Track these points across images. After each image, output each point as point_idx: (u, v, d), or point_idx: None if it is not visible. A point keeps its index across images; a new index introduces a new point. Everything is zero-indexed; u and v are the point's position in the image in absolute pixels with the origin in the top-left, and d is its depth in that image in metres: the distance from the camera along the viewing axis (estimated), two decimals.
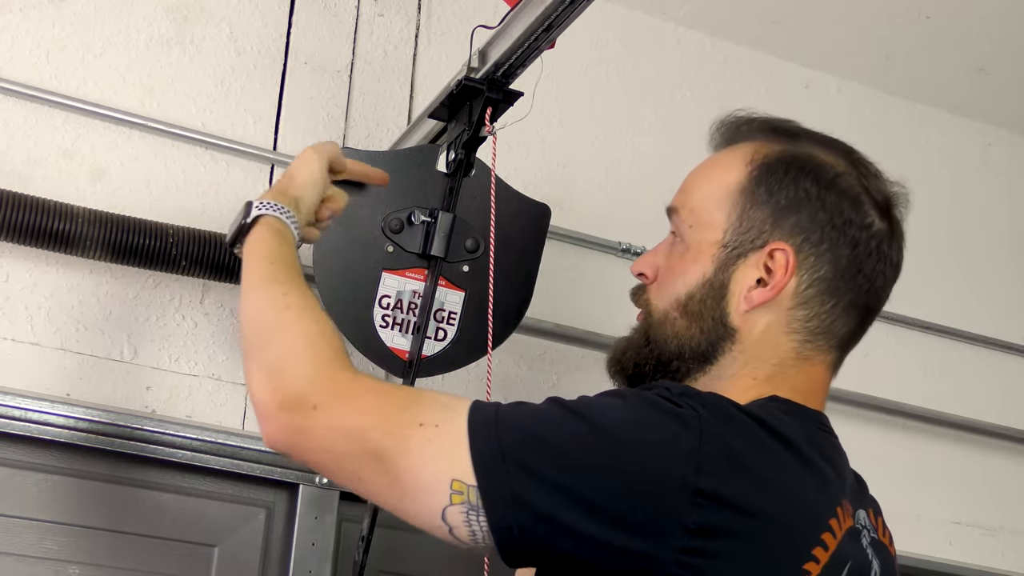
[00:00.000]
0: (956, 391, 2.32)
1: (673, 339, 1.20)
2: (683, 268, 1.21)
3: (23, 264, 1.66)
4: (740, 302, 1.18)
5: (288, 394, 1.07)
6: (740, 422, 1.06)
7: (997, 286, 2.44)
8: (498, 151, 1.42)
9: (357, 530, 1.60)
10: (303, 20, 1.92)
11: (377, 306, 1.50)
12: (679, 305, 1.20)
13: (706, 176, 1.25)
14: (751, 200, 1.20)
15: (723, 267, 1.19)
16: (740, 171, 1.21)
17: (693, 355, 1.19)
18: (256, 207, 1.25)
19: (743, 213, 1.19)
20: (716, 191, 1.22)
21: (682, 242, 1.23)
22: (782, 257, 1.17)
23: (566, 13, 1.30)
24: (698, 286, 1.19)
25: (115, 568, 1.62)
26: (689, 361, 1.19)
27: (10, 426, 1.57)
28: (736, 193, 1.20)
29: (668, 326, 1.20)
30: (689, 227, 1.22)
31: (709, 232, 1.20)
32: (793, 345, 1.19)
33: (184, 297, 1.74)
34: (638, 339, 1.23)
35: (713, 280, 1.19)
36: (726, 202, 1.21)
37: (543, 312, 1.88)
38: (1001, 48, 2.26)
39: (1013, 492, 2.34)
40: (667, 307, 1.21)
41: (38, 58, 1.74)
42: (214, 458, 1.66)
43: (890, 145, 2.40)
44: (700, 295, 1.19)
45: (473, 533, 1.00)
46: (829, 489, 1.11)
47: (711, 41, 2.27)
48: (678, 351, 1.19)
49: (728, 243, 1.19)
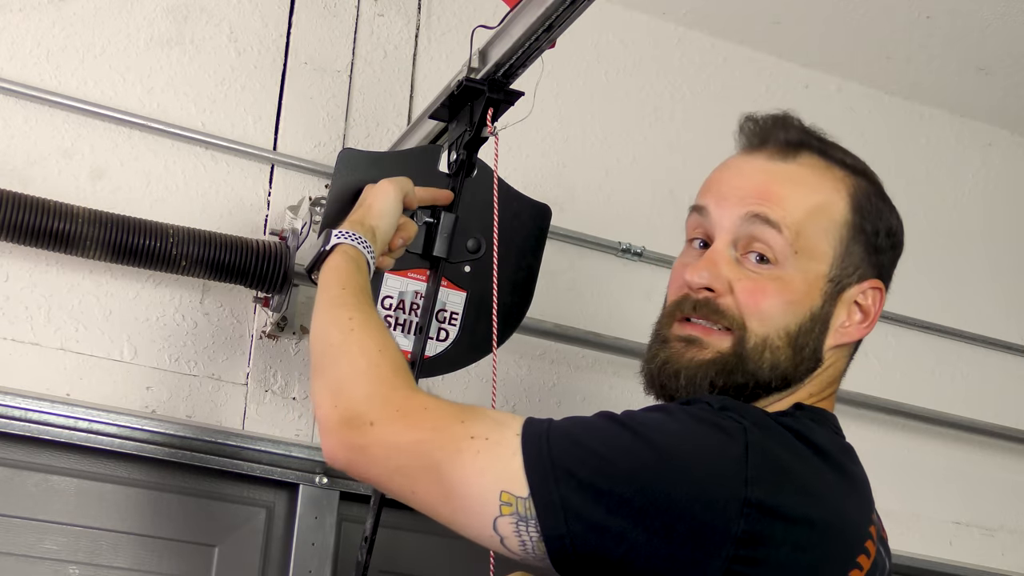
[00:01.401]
0: (956, 391, 2.32)
1: (772, 368, 1.17)
2: (791, 298, 1.17)
3: (23, 264, 1.66)
4: (834, 337, 1.19)
5: (347, 412, 1.10)
6: (780, 433, 1.07)
7: (997, 286, 2.44)
8: (498, 151, 1.42)
9: (357, 530, 1.60)
10: (303, 20, 1.92)
11: (380, 307, 1.49)
12: (787, 335, 1.17)
13: (809, 199, 1.19)
14: (853, 236, 1.20)
15: (828, 301, 1.19)
16: (842, 203, 1.20)
17: (780, 383, 1.18)
18: (335, 236, 1.29)
19: (847, 248, 1.19)
20: (822, 221, 1.19)
21: (780, 266, 1.17)
22: (877, 296, 1.20)
23: (566, 13, 1.30)
24: (808, 319, 1.18)
25: (115, 568, 1.62)
26: (771, 389, 1.18)
27: (10, 426, 1.57)
28: (842, 227, 1.19)
29: (768, 353, 1.17)
30: (795, 252, 1.17)
31: (817, 263, 1.18)
32: (844, 367, 1.23)
33: (184, 297, 1.74)
34: (727, 362, 1.17)
35: (819, 314, 1.18)
36: (832, 234, 1.19)
37: (543, 312, 1.88)
38: (1001, 48, 2.26)
39: (1013, 492, 2.34)
40: (770, 333, 1.17)
41: (38, 58, 1.74)
42: (214, 458, 1.66)
43: (890, 145, 2.40)
44: (807, 328, 1.18)
45: (523, 543, 1.01)
46: (864, 495, 1.13)
47: (711, 41, 2.27)
48: (770, 379, 1.17)
49: (834, 277, 1.19)
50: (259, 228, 1.80)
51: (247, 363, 1.76)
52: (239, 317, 1.77)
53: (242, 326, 1.77)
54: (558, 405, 1.97)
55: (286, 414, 1.76)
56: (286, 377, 1.78)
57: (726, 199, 1.20)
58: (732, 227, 1.18)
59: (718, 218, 1.20)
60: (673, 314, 1.22)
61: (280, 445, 1.70)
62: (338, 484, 1.72)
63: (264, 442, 1.69)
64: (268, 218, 1.81)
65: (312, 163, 1.85)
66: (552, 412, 1.96)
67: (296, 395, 1.78)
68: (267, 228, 1.80)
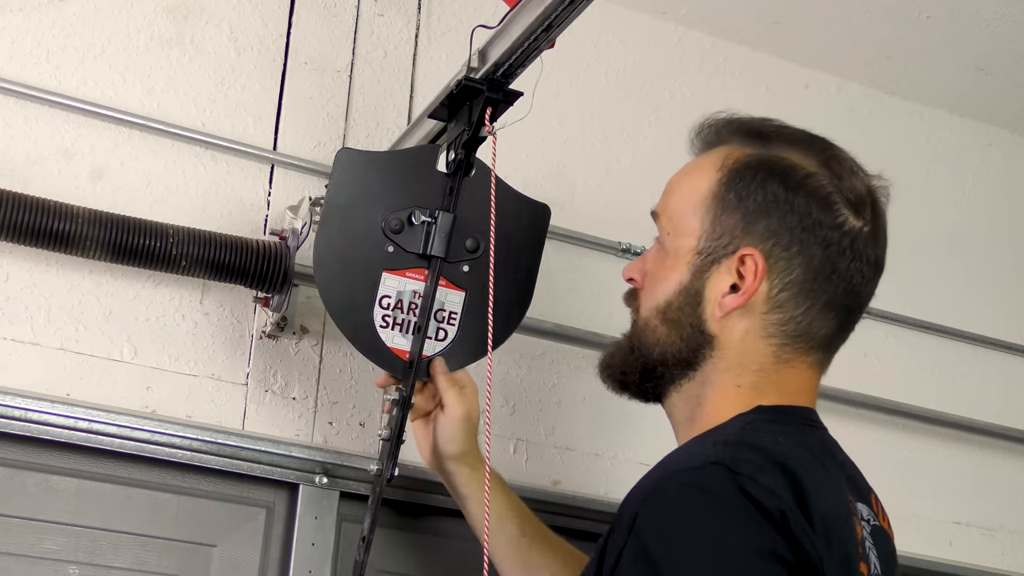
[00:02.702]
0: (956, 391, 2.32)
1: (655, 346, 1.23)
2: (663, 275, 1.23)
3: (23, 264, 1.66)
4: (715, 309, 1.20)
5: None
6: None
7: (997, 286, 2.44)
8: (498, 151, 1.42)
9: (357, 530, 1.60)
10: (303, 20, 1.92)
11: (377, 306, 1.50)
12: (659, 312, 1.22)
13: (683, 182, 1.28)
14: (722, 206, 1.21)
15: (698, 274, 1.21)
16: (712, 177, 1.23)
17: (676, 362, 1.22)
18: None
19: (716, 219, 1.21)
20: (691, 197, 1.24)
21: (662, 248, 1.25)
22: (751, 262, 1.19)
23: (566, 13, 1.30)
24: (675, 293, 1.21)
25: (115, 568, 1.62)
26: (673, 368, 1.22)
27: (10, 426, 1.57)
28: (709, 199, 1.22)
29: (650, 333, 1.23)
30: (668, 234, 1.25)
31: (685, 239, 1.23)
32: (772, 349, 1.20)
33: (184, 297, 1.74)
34: (625, 345, 1.27)
35: (689, 287, 1.21)
36: (700, 208, 1.23)
37: (543, 312, 1.88)
38: (1001, 48, 2.26)
39: (1013, 492, 2.34)
40: (649, 314, 1.24)
41: (38, 58, 1.74)
42: (214, 458, 1.66)
43: (890, 145, 2.40)
44: (678, 302, 1.21)
45: None
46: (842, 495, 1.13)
47: (711, 41, 2.27)
48: (661, 358, 1.22)
49: (703, 250, 1.21)
50: (259, 228, 1.80)
51: (247, 363, 1.76)
52: (239, 317, 1.77)
53: (242, 326, 1.77)
54: (558, 405, 1.97)
55: (286, 414, 1.76)
56: (286, 377, 1.78)
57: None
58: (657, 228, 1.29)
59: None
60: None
61: (280, 445, 1.70)
62: (338, 484, 1.72)
63: (264, 442, 1.69)
64: (268, 218, 1.81)
65: (312, 163, 1.85)
66: (552, 412, 1.96)
67: (296, 395, 1.78)
68: (267, 228, 1.80)
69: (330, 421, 1.79)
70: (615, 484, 1.97)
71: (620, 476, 1.98)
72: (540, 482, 1.91)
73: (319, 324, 1.81)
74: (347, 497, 1.73)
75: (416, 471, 1.75)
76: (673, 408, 1.26)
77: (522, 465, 1.91)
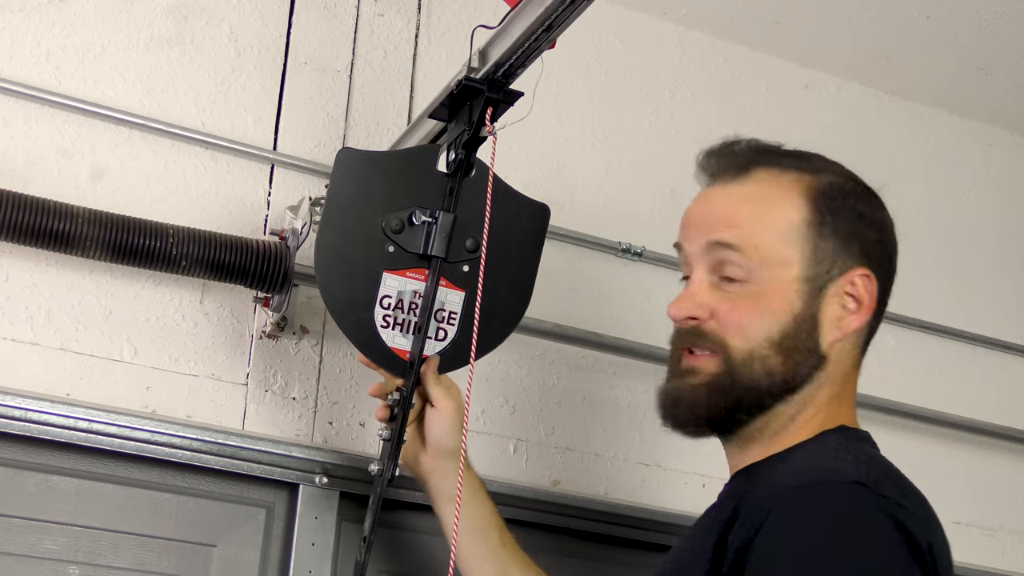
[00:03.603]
0: (956, 391, 2.32)
1: (766, 377, 1.23)
2: (766, 307, 1.23)
3: (23, 264, 1.66)
4: (831, 331, 1.23)
5: None
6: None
7: (997, 286, 2.44)
8: (498, 151, 1.42)
9: (357, 530, 1.60)
10: (303, 20, 1.92)
11: (378, 306, 1.50)
12: (772, 343, 1.22)
13: (761, 212, 1.26)
14: (820, 232, 1.24)
15: (810, 301, 1.23)
16: (800, 205, 1.25)
17: (782, 389, 1.23)
18: None
19: (815, 247, 1.24)
20: (780, 228, 1.24)
21: (749, 282, 1.24)
22: (866, 282, 1.24)
23: (566, 13, 1.30)
24: (790, 323, 1.23)
25: (115, 568, 1.62)
26: (778, 393, 1.24)
27: (10, 426, 1.57)
28: (804, 228, 1.24)
29: (758, 364, 1.22)
30: (759, 265, 1.23)
31: (783, 270, 1.23)
32: (854, 359, 1.27)
33: (184, 297, 1.74)
34: (721, 382, 1.24)
35: (803, 315, 1.23)
36: (795, 238, 1.24)
37: (543, 312, 1.88)
38: (1001, 48, 2.26)
39: (1013, 492, 2.34)
40: (754, 346, 1.23)
41: (38, 58, 1.74)
42: (214, 458, 1.66)
43: (890, 145, 2.40)
44: (793, 331, 1.23)
45: None
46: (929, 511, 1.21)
47: (711, 41, 2.27)
48: (769, 388, 1.23)
49: (808, 277, 1.23)
50: (259, 228, 1.80)
51: (247, 363, 1.76)
52: (239, 317, 1.77)
53: (242, 326, 1.77)
54: (558, 405, 1.97)
55: (286, 414, 1.76)
56: (286, 377, 1.78)
57: (693, 232, 1.29)
58: (702, 256, 1.27)
59: (690, 251, 1.28)
60: (677, 348, 1.30)
61: (280, 445, 1.70)
62: (338, 484, 1.72)
63: (264, 442, 1.69)
64: (268, 218, 1.81)
65: (312, 163, 1.85)
66: (552, 412, 1.96)
67: (296, 395, 1.78)
68: (267, 228, 1.80)
69: (330, 421, 1.79)
70: (615, 484, 1.97)
71: (620, 476, 1.98)
72: (540, 482, 1.91)
73: (319, 324, 1.81)
74: (347, 497, 1.73)
75: None
76: (753, 431, 1.26)
77: (522, 465, 1.91)
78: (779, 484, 1.13)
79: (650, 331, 2.02)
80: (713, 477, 2.00)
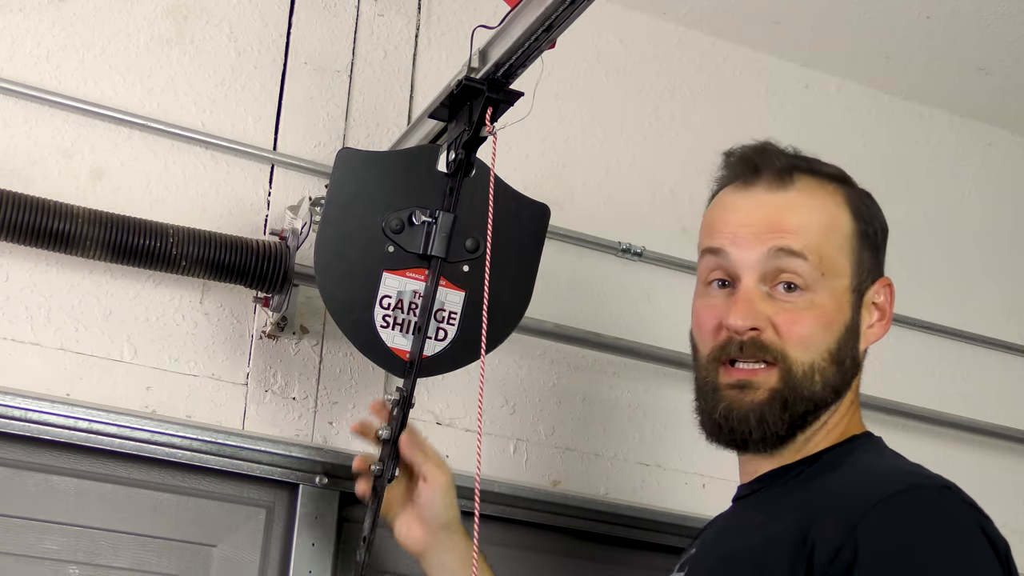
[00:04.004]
0: (956, 391, 2.32)
1: (824, 389, 1.23)
2: (828, 318, 1.22)
3: (23, 264, 1.66)
4: (863, 340, 1.26)
5: None
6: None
7: (997, 286, 2.44)
8: (498, 151, 1.42)
9: (357, 530, 1.60)
10: (303, 20, 1.92)
11: (378, 306, 1.49)
12: (830, 355, 1.22)
13: (820, 221, 1.25)
14: (862, 243, 1.26)
15: (855, 311, 1.25)
16: (846, 215, 1.26)
17: (833, 399, 1.24)
18: None
19: (859, 257, 1.25)
20: (836, 237, 1.25)
21: (809, 291, 1.22)
22: (888, 292, 1.28)
23: (566, 13, 1.30)
24: (844, 333, 1.24)
25: (115, 568, 1.62)
26: (828, 406, 1.24)
27: (10, 426, 1.57)
28: (853, 239, 1.25)
29: (818, 376, 1.22)
30: (821, 275, 1.23)
31: (840, 279, 1.24)
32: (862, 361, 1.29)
33: (184, 297, 1.74)
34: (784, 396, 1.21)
35: (851, 325, 1.25)
36: (846, 247, 1.25)
37: (543, 312, 1.88)
38: (1001, 48, 2.26)
39: (1013, 492, 2.34)
40: (815, 358, 1.22)
41: (38, 58, 1.74)
42: (214, 458, 1.66)
43: (890, 145, 2.40)
44: (845, 342, 1.24)
45: None
46: None
47: (711, 41, 2.27)
48: (823, 399, 1.23)
49: (855, 287, 1.25)
50: (259, 228, 1.80)
51: (247, 363, 1.76)
52: (239, 317, 1.77)
53: (242, 326, 1.77)
54: (558, 405, 1.97)
55: (286, 414, 1.76)
56: (286, 377, 1.78)
57: (743, 238, 1.24)
58: (757, 264, 1.22)
59: (739, 258, 1.23)
60: (719, 359, 1.24)
61: (280, 445, 1.70)
62: (338, 484, 1.71)
63: (264, 442, 1.69)
64: (268, 218, 1.81)
65: (312, 163, 1.85)
66: (552, 412, 1.96)
67: (296, 395, 1.78)
68: (267, 228, 1.80)
69: (330, 421, 1.79)
70: (615, 484, 1.97)
71: (620, 476, 1.98)
72: (540, 482, 1.91)
73: (319, 324, 1.81)
74: (347, 497, 1.73)
75: None
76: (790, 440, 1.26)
77: (522, 465, 1.91)
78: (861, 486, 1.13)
79: (650, 331, 2.02)
80: (713, 477, 2.00)
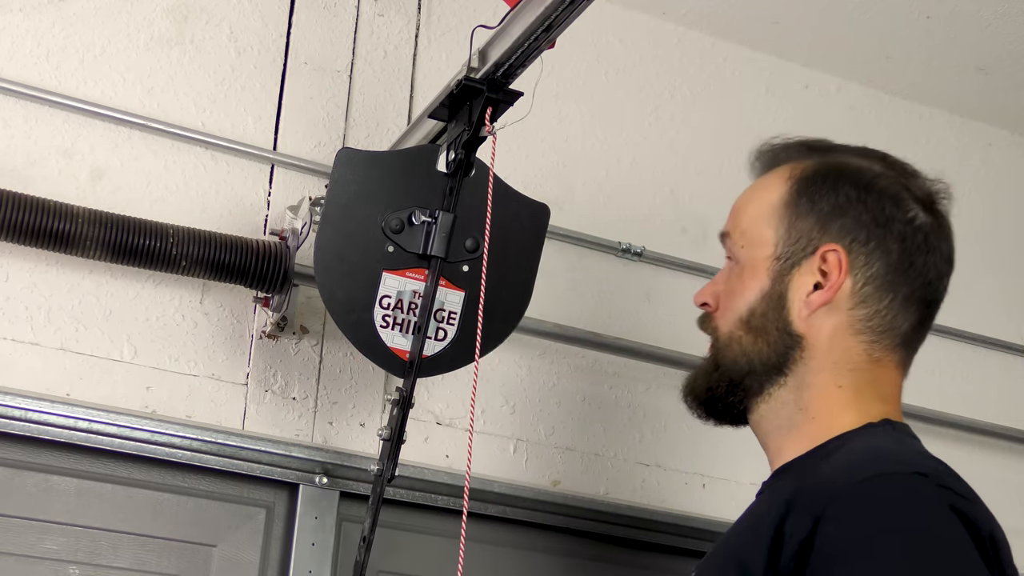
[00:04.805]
0: (956, 391, 2.32)
1: (742, 357, 1.24)
2: (741, 287, 1.25)
3: (23, 264, 1.66)
4: (801, 308, 1.22)
5: None
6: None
7: (997, 286, 2.44)
8: (498, 151, 1.42)
9: (357, 530, 1.60)
10: (303, 20, 1.92)
11: (378, 306, 1.50)
12: (742, 323, 1.24)
13: (752, 199, 1.29)
14: (795, 212, 1.24)
15: (779, 278, 1.23)
16: (781, 188, 1.26)
17: (765, 368, 1.23)
18: None
19: (790, 225, 1.24)
20: (762, 210, 1.26)
21: (737, 264, 1.27)
22: (835, 257, 1.22)
23: (566, 13, 1.30)
24: (757, 301, 1.23)
25: (115, 568, 1.62)
26: (762, 376, 1.23)
27: (10, 426, 1.57)
28: (781, 208, 1.25)
29: (735, 345, 1.24)
30: (741, 248, 1.26)
31: (760, 249, 1.25)
32: (863, 347, 1.23)
33: (184, 297, 1.75)
34: (707, 365, 1.27)
35: (771, 292, 1.23)
36: (773, 218, 1.25)
37: (543, 312, 1.88)
38: (1001, 48, 2.26)
39: (1013, 492, 2.34)
40: (731, 328, 1.25)
41: (38, 58, 1.74)
42: (214, 458, 1.66)
43: (890, 145, 2.38)
44: (761, 309, 1.23)
45: None
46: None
47: (711, 41, 2.27)
48: (748, 367, 1.23)
49: (780, 255, 1.23)
50: (259, 228, 1.80)
51: (247, 363, 1.76)
52: (239, 317, 1.77)
53: (242, 326, 1.77)
54: (558, 405, 1.97)
55: (286, 414, 1.76)
56: (286, 377, 1.78)
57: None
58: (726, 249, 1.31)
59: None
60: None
61: (280, 445, 1.70)
62: (338, 484, 1.72)
63: (264, 442, 1.69)
64: (268, 218, 1.81)
65: (312, 163, 1.85)
66: (552, 412, 1.96)
67: (296, 395, 1.78)
68: (267, 228, 1.80)
69: (330, 421, 1.79)
70: (615, 484, 1.97)
71: (620, 476, 1.98)
72: (540, 482, 1.91)
73: (319, 324, 1.81)
74: (347, 497, 1.73)
75: (416, 471, 1.76)
76: (763, 420, 1.26)
77: (522, 465, 1.91)
78: (836, 475, 1.11)
79: (650, 331, 2.02)
80: (713, 477, 2.00)
